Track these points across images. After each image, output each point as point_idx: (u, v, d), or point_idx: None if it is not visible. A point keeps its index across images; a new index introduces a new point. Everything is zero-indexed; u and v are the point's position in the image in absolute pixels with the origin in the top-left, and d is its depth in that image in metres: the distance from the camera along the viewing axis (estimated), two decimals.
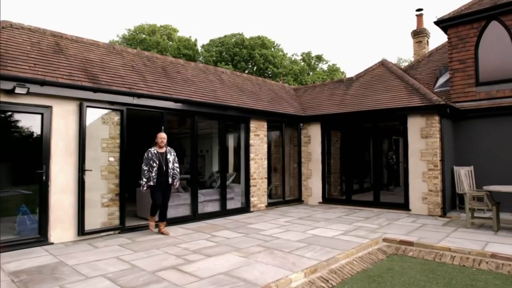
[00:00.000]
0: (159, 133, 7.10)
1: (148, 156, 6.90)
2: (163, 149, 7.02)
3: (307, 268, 4.80)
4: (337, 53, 59.78)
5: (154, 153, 6.91)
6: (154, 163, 6.83)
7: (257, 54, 34.71)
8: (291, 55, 41.12)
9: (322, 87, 13.22)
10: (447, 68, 11.17)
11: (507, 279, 4.87)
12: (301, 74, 36.84)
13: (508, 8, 9.49)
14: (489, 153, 9.53)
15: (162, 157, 6.95)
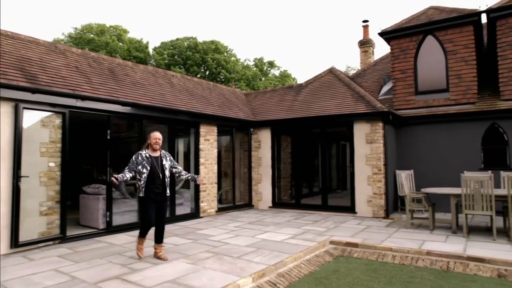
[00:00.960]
0: (152, 133, 5.64)
1: (136, 159, 5.46)
2: (157, 152, 5.62)
3: (255, 273, 4.81)
4: (289, 60, 61.14)
5: (146, 157, 5.47)
6: (144, 169, 5.42)
7: (210, 59, 34.57)
8: (244, 60, 41.45)
9: (272, 93, 13.42)
10: (390, 77, 11.79)
11: (439, 274, 5.20)
12: (254, 80, 37.19)
13: (441, 25, 10.26)
14: (427, 157, 10.18)
15: (157, 163, 5.50)
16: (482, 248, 6.04)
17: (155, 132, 5.64)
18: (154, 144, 5.55)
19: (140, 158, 5.47)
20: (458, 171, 8.54)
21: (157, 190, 5.45)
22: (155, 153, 5.60)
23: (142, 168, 5.42)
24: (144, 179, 5.39)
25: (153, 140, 5.57)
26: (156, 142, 5.56)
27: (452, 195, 7.22)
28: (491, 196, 6.63)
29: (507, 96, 9.45)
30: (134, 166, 5.43)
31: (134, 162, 5.46)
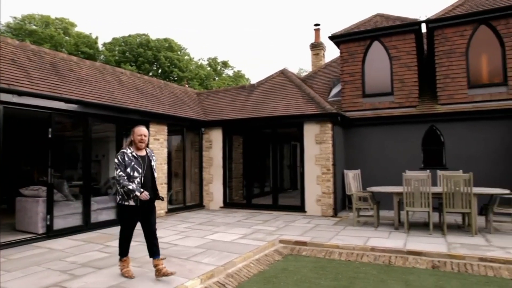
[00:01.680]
0: (137, 128, 4.67)
1: (123, 160, 4.48)
2: (143, 151, 4.69)
3: (204, 274, 4.76)
4: (243, 60, 61.31)
5: (134, 157, 4.55)
6: (135, 171, 4.49)
7: (163, 57, 33.80)
8: (198, 59, 40.98)
9: (224, 93, 13.38)
10: (339, 80, 12.18)
11: (381, 269, 5.45)
12: (207, 79, 36.88)
13: (386, 31, 10.79)
14: (373, 157, 10.64)
15: (144, 163, 4.61)
16: (420, 243, 6.42)
17: (140, 127, 4.68)
18: (139, 142, 4.58)
19: (127, 158, 4.48)
20: (401, 170, 9.00)
21: (149, 196, 4.51)
22: (141, 152, 4.67)
23: (132, 171, 4.46)
24: (138, 185, 4.44)
25: (137, 137, 4.59)
26: (141, 139, 4.59)
27: (395, 194, 7.60)
28: (429, 194, 7.06)
29: (444, 100, 10.11)
30: (124, 167, 4.45)
31: (122, 163, 4.44)
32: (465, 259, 5.59)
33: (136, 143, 4.61)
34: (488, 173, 9.06)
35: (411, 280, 4.92)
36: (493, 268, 5.29)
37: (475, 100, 9.81)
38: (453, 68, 10.10)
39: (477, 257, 5.56)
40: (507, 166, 9.08)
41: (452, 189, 6.94)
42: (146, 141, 4.68)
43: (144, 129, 4.69)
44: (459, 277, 5.07)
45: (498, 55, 9.77)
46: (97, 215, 8.16)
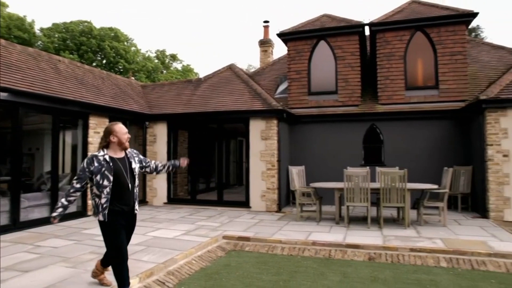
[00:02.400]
0: (116, 125, 3.85)
1: (90, 166, 3.69)
2: (121, 153, 3.86)
3: (143, 272, 4.59)
4: (192, 54, 60.27)
5: (106, 161, 3.71)
6: (105, 179, 3.66)
7: (108, 46, 32.25)
8: (145, 51, 39.63)
9: (170, 86, 13.05)
10: (286, 77, 12.36)
11: (322, 262, 5.61)
12: (155, 72, 35.82)
13: (331, 32, 11.11)
14: (317, 154, 10.93)
15: (124, 167, 3.79)
16: (359, 236, 6.70)
17: (118, 124, 3.84)
18: (126, 141, 3.84)
19: (96, 163, 3.66)
20: (343, 166, 9.30)
21: (127, 207, 3.77)
22: (118, 154, 3.80)
23: (102, 179, 3.63)
24: (107, 195, 3.63)
25: (124, 136, 3.80)
26: (123, 138, 3.80)
27: (336, 189, 7.86)
28: (368, 189, 7.39)
29: (384, 100, 10.63)
30: (87, 176, 3.68)
31: (86, 170, 3.66)
32: (398, 250, 5.92)
33: (123, 143, 3.80)
34: (421, 170, 9.67)
35: (349, 272, 5.11)
36: (421, 257, 5.66)
37: (411, 101, 10.42)
38: (392, 70, 10.64)
39: (408, 248, 5.92)
40: (438, 163, 9.74)
41: (388, 185, 7.32)
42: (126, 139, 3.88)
43: (123, 127, 3.86)
44: (392, 267, 5.35)
45: (431, 60, 10.44)
46: (28, 213, 7.59)
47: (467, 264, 5.40)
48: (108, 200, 3.64)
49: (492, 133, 8.42)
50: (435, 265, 5.42)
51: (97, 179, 3.64)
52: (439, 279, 4.82)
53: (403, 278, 4.86)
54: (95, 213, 3.72)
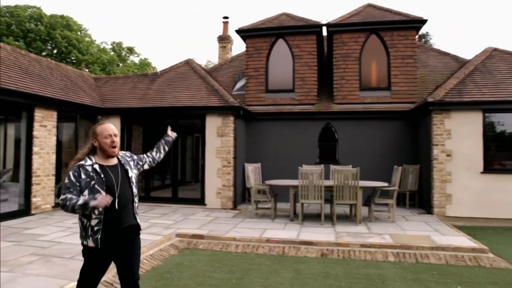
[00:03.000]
0: (101, 126, 2.95)
1: (78, 179, 2.79)
2: (112, 160, 2.96)
3: None
4: (150, 48, 58.68)
5: (94, 171, 2.83)
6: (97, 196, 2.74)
7: (59, 35, 30.52)
8: (100, 42, 37.98)
9: (125, 79, 12.59)
10: (244, 74, 12.32)
11: (275, 259, 5.64)
12: (110, 65, 34.46)
13: (290, 30, 11.21)
14: (273, 151, 11.00)
15: (117, 177, 2.90)
16: (312, 233, 6.81)
17: (106, 125, 2.94)
18: (110, 147, 2.87)
19: (84, 175, 2.78)
20: (299, 164, 9.41)
21: (125, 224, 2.88)
22: (109, 161, 2.92)
23: (91, 193, 2.74)
24: (99, 215, 2.76)
25: (104, 140, 2.86)
26: (112, 142, 2.88)
27: (291, 187, 7.95)
28: (321, 187, 7.53)
29: (339, 100, 10.89)
30: (77, 189, 2.76)
31: (74, 184, 2.76)
32: (349, 246, 6.09)
33: (105, 150, 2.86)
34: (373, 168, 10.00)
35: (302, 269, 5.17)
36: (371, 252, 5.86)
37: (365, 101, 10.76)
38: (348, 71, 10.92)
39: (359, 244, 6.10)
40: (388, 161, 10.11)
41: (341, 183, 7.50)
42: (118, 143, 2.94)
43: (112, 127, 2.93)
44: (343, 263, 5.49)
45: (384, 62, 10.83)
46: None
47: (412, 258, 5.66)
48: (101, 221, 2.74)
49: (437, 134, 8.88)
50: (384, 259, 5.63)
51: (85, 195, 2.74)
52: (386, 273, 5.00)
53: (353, 273, 5.00)
54: (82, 236, 2.80)
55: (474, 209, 8.60)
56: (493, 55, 10.37)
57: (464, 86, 9.23)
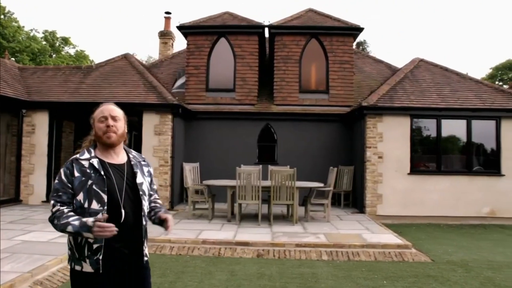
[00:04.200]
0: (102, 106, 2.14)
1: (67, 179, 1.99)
2: (119, 155, 2.16)
3: None
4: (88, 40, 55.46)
5: (91, 167, 2.02)
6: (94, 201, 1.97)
7: None
8: (30, 30, 35.12)
9: (56, 71, 11.71)
10: (185, 71, 12.05)
11: (210, 261, 5.54)
12: (42, 55, 31.98)
13: (232, 30, 11.18)
14: (213, 151, 10.88)
15: (121, 178, 2.08)
16: (249, 233, 6.81)
17: (104, 106, 2.16)
18: (103, 133, 2.06)
19: (78, 172, 2.01)
20: (238, 164, 9.41)
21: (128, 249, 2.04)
22: (113, 157, 2.13)
23: (87, 200, 1.98)
24: None
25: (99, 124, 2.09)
26: (108, 127, 2.06)
27: (229, 187, 7.89)
28: (259, 187, 7.56)
29: (279, 101, 11.05)
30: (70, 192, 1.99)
31: (67, 184, 1.99)
32: (285, 246, 6.16)
33: (99, 138, 2.09)
34: (311, 168, 10.27)
35: (237, 270, 5.13)
36: (306, 252, 5.98)
37: (304, 103, 11.02)
38: (288, 73, 11.12)
39: (294, 244, 6.20)
40: (325, 162, 10.41)
41: (279, 183, 7.59)
42: (119, 128, 2.11)
43: (111, 107, 2.14)
44: (278, 263, 5.53)
45: (323, 66, 11.19)
46: None
47: (345, 256, 5.87)
48: None
49: (370, 137, 9.33)
50: (318, 258, 5.77)
51: (79, 200, 1.98)
52: (319, 272, 5.12)
53: (288, 273, 5.05)
54: (74, 259, 2.00)
55: (402, 208, 9.17)
56: (420, 65, 11.16)
57: (395, 92, 9.81)
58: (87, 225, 1.82)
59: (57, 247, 5.49)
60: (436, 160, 9.45)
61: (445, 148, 9.67)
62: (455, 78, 10.54)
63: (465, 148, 9.55)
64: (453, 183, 9.24)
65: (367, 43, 30.51)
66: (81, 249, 1.96)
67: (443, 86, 10.11)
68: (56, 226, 1.95)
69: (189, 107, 10.65)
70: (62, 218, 1.90)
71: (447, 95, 9.76)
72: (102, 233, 1.81)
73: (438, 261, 5.78)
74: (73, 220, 1.87)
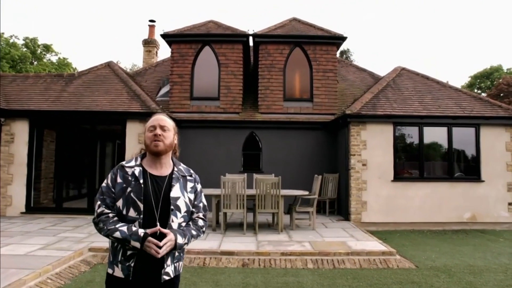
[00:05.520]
0: (153, 117, 2.21)
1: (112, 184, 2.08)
2: (163, 168, 2.18)
3: None
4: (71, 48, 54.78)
5: (133, 176, 2.08)
6: (131, 208, 2.02)
7: None
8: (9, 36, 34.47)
9: (36, 79, 11.48)
10: (169, 80, 11.98)
11: (195, 271, 5.47)
12: (22, 62, 31.40)
13: (217, 38, 11.19)
14: (197, 159, 10.75)
15: (158, 190, 2.09)
16: (234, 242, 6.75)
17: (156, 116, 2.21)
18: (151, 142, 2.10)
19: (121, 178, 2.08)
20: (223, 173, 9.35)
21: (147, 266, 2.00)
22: (158, 168, 2.16)
23: (126, 207, 2.03)
24: None
25: (148, 134, 2.13)
26: (155, 136, 2.09)
27: (213, 196, 7.83)
28: (244, 196, 7.52)
29: (263, 110, 11.07)
30: (113, 197, 2.06)
31: (111, 189, 2.07)
32: (270, 255, 6.12)
33: (147, 146, 2.13)
34: (296, 176, 10.29)
35: (221, 280, 5.07)
36: (291, 260, 5.95)
37: (288, 111, 11.06)
38: (272, 81, 11.16)
39: (279, 252, 6.17)
40: (310, 170, 10.46)
41: (264, 192, 7.56)
42: (167, 138, 2.13)
43: (161, 117, 2.18)
44: (263, 272, 5.49)
45: (307, 75, 11.28)
46: None
47: (330, 264, 5.86)
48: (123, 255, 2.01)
49: (354, 144, 9.41)
50: (303, 267, 5.75)
51: (118, 206, 2.03)
52: (304, 280, 5.10)
53: (273, 282, 5.02)
54: (109, 261, 2.06)
55: (386, 215, 9.24)
56: (401, 74, 11.36)
57: (378, 101, 9.94)
58: (138, 235, 1.91)
59: (35, 260, 5.34)
60: (419, 167, 9.58)
61: (427, 155, 9.83)
62: (436, 87, 10.76)
63: (446, 155, 9.72)
64: (435, 189, 9.38)
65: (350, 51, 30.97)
66: (116, 253, 2.02)
67: (424, 94, 10.30)
68: (101, 229, 2.00)
69: (174, 116, 10.55)
70: (109, 223, 1.97)
71: (428, 103, 9.95)
72: (149, 248, 1.90)
73: (422, 267, 5.84)
74: (121, 226, 1.95)
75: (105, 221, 1.98)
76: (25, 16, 54.97)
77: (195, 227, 2.16)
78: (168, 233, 1.97)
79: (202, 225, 2.22)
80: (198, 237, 2.17)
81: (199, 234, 2.18)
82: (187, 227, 2.12)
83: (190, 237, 2.08)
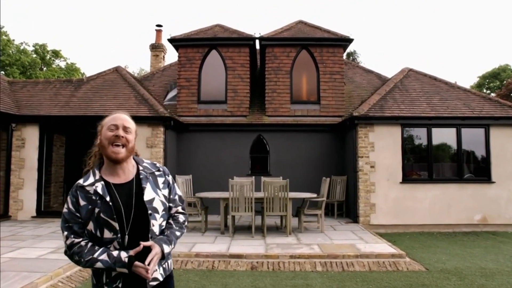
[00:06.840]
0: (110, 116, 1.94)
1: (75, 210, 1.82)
2: (125, 173, 1.92)
3: None
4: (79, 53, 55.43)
5: (96, 194, 1.82)
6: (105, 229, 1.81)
7: None
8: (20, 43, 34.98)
9: (46, 85, 11.64)
10: (176, 84, 12.06)
11: (204, 274, 5.48)
12: (32, 68, 31.84)
13: (223, 42, 11.25)
14: (205, 163, 10.84)
15: (125, 200, 1.85)
16: (242, 245, 6.75)
17: (117, 114, 1.96)
18: (111, 143, 1.84)
19: (84, 200, 1.82)
20: (230, 176, 9.38)
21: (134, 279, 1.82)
22: (120, 175, 1.92)
23: (98, 228, 1.81)
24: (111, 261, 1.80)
25: (107, 133, 1.86)
26: (117, 137, 1.84)
27: (222, 199, 7.84)
28: (252, 199, 7.53)
29: (270, 112, 11.09)
30: (80, 222, 1.82)
31: (75, 214, 1.82)
32: (279, 258, 6.11)
33: (104, 149, 1.87)
34: (303, 179, 10.27)
35: (230, 283, 5.07)
36: (300, 263, 5.94)
37: (296, 114, 11.07)
38: (279, 84, 11.18)
39: (288, 255, 6.15)
40: (318, 172, 10.46)
41: (272, 194, 7.56)
42: (130, 142, 1.89)
43: (124, 117, 1.94)
44: (272, 275, 5.49)
45: (314, 77, 11.28)
46: None
47: (339, 267, 5.84)
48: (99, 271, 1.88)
49: (362, 146, 9.38)
50: (312, 270, 5.73)
51: (90, 230, 1.82)
52: (313, 283, 5.09)
53: (282, 285, 5.01)
54: (92, 286, 1.91)
55: (394, 217, 9.18)
56: (409, 75, 11.30)
57: (385, 102, 9.90)
58: (122, 261, 1.74)
59: (47, 264, 5.40)
60: (428, 168, 9.51)
61: (436, 156, 9.75)
62: (444, 87, 10.69)
63: (455, 156, 9.63)
64: (445, 191, 9.29)
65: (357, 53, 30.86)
66: (99, 276, 1.85)
67: (432, 95, 10.24)
68: (78, 262, 1.80)
69: (181, 119, 10.64)
70: (85, 253, 1.77)
71: (436, 104, 9.88)
72: (139, 273, 1.74)
73: (432, 269, 5.78)
74: (100, 254, 1.77)
75: (79, 253, 1.78)
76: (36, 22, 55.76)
77: (178, 226, 1.99)
78: (153, 245, 1.78)
79: (183, 220, 2.05)
80: (182, 234, 2.02)
81: (182, 232, 2.01)
82: (170, 230, 1.94)
83: (175, 241, 1.93)
